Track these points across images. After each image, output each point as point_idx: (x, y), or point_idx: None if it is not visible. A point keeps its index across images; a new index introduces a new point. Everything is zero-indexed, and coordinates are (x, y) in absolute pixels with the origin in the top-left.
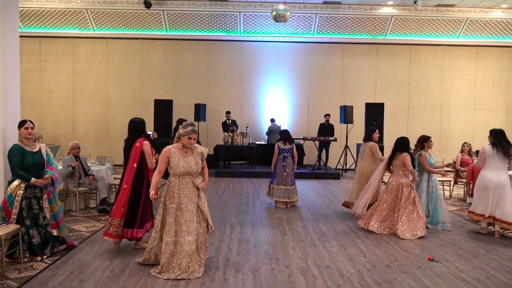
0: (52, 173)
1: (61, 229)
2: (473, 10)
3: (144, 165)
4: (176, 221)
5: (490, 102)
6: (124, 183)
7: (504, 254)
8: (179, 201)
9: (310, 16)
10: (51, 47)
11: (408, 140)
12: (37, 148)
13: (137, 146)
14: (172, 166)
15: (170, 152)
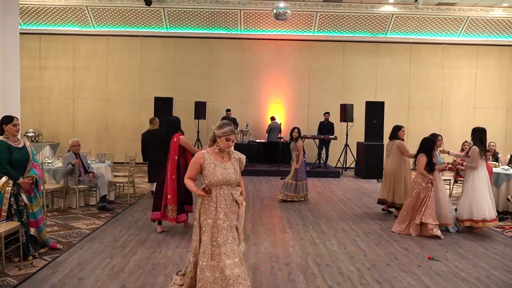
0: (35, 173)
1: (40, 230)
2: (473, 8)
3: (183, 157)
4: (212, 240)
5: (491, 101)
6: (171, 175)
7: (504, 253)
8: (216, 217)
9: (311, 14)
10: (51, 44)
11: (433, 140)
12: (21, 144)
13: (175, 141)
14: (207, 174)
15: (204, 157)
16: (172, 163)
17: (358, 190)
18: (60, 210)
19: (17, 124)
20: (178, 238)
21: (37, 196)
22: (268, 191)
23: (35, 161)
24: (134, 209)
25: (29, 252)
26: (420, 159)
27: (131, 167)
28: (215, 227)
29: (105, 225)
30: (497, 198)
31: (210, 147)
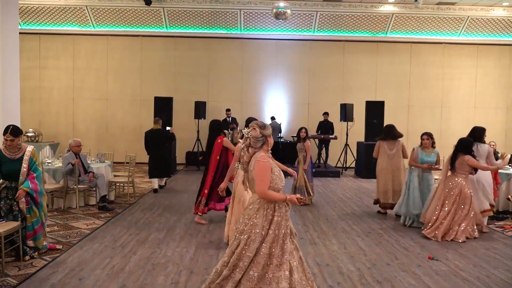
0: (27, 185)
1: (37, 239)
2: (474, 8)
3: (223, 157)
4: (270, 252)
5: (491, 101)
6: (211, 172)
7: (504, 252)
8: (277, 226)
9: (311, 13)
10: (51, 44)
11: (471, 141)
12: (19, 155)
13: (219, 142)
14: (275, 179)
15: (270, 162)
16: (213, 162)
17: (358, 190)
18: (60, 210)
19: (8, 140)
20: (178, 238)
21: (32, 207)
22: None
23: (35, 172)
24: (134, 209)
25: (27, 253)
26: (472, 160)
27: (131, 167)
28: (286, 236)
29: (105, 225)
30: (498, 197)
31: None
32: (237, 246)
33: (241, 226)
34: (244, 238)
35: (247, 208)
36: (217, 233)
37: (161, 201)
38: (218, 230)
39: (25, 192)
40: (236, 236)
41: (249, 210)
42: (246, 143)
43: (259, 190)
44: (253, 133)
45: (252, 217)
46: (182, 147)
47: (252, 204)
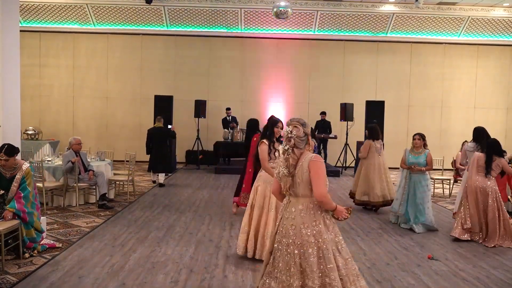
0: (13, 207)
1: (33, 249)
2: (474, 8)
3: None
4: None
5: (491, 101)
6: (249, 168)
7: (503, 253)
8: (333, 231)
9: (312, 13)
10: (51, 42)
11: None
12: (14, 173)
13: (255, 140)
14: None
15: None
16: (250, 159)
17: None
18: (60, 208)
19: (2, 160)
20: (178, 236)
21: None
22: None
23: (22, 191)
24: (134, 207)
25: (25, 251)
26: (506, 164)
27: (131, 165)
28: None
29: (104, 223)
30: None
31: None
32: (301, 264)
33: (293, 237)
34: (312, 251)
35: (294, 216)
36: (217, 232)
37: (161, 199)
38: (218, 229)
39: (11, 213)
40: (289, 251)
41: (302, 217)
42: (291, 144)
43: (319, 193)
44: (296, 133)
45: (311, 224)
46: (182, 146)
47: (304, 210)
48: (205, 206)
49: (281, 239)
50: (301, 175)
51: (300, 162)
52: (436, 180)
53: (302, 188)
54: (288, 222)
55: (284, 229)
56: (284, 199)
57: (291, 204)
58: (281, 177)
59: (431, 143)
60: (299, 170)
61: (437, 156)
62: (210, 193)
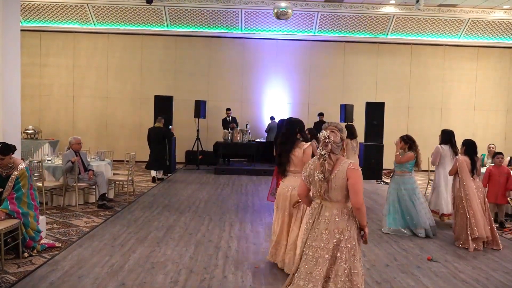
0: (6, 207)
1: (32, 249)
2: (475, 10)
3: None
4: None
5: (491, 103)
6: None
7: (503, 255)
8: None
9: (312, 14)
10: (52, 42)
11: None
12: (11, 172)
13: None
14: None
15: None
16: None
17: None
18: (59, 207)
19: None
20: (177, 237)
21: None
22: (267, 190)
23: (16, 192)
24: (133, 207)
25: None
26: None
27: (131, 165)
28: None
29: (104, 223)
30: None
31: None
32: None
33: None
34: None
35: (328, 220)
36: (216, 232)
37: (161, 199)
38: (217, 229)
39: (4, 214)
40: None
41: (336, 222)
42: (328, 149)
43: (356, 201)
44: (334, 138)
45: (345, 229)
46: (181, 146)
47: (339, 215)
48: (205, 206)
49: (311, 243)
50: (337, 181)
51: (337, 168)
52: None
53: (337, 193)
54: (322, 227)
55: (317, 233)
56: (313, 203)
57: (325, 209)
58: (316, 182)
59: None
60: (335, 176)
61: None
62: (210, 194)
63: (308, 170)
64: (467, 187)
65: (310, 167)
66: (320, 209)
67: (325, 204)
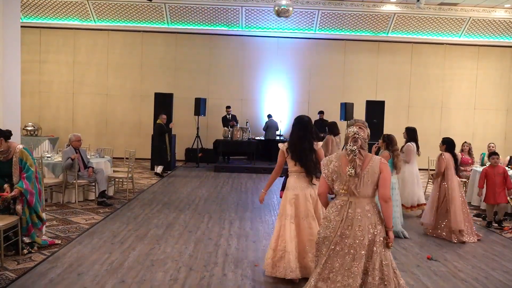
0: (21, 186)
1: (32, 237)
2: (476, 9)
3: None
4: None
5: (491, 102)
6: None
7: (502, 254)
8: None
9: (313, 12)
10: (52, 38)
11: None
12: (10, 157)
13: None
14: None
15: None
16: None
17: None
18: (59, 204)
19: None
20: (177, 234)
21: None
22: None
23: (26, 171)
24: (133, 204)
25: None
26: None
27: (131, 162)
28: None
29: (104, 220)
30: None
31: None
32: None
33: (360, 238)
34: (376, 250)
35: (361, 216)
36: (216, 230)
37: (160, 197)
38: (217, 227)
39: (19, 191)
40: (352, 251)
41: (369, 218)
42: (358, 145)
43: (386, 193)
44: (362, 134)
45: (377, 223)
46: (181, 144)
47: (370, 211)
48: (205, 204)
49: (341, 240)
50: (370, 176)
51: (369, 163)
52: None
53: (368, 188)
54: (355, 223)
55: (350, 231)
56: (337, 200)
57: (355, 205)
58: (344, 178)
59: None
60: (368, 171)
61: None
62: (210, 191)
63: (331, 167)
64: (452, 182)
65: (333, 164)
66: (349, 205)
67: (354, 200)
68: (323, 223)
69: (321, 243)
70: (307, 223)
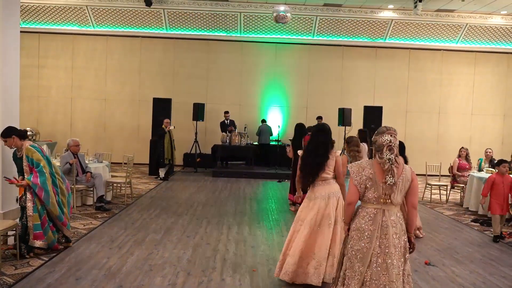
0: (29, 178)
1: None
2: (472, 15)
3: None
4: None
5: (488, 108)
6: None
7: (500, 259)
8: None
9: (311, 17)
10: (51, 43)
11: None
12: (21, 155)
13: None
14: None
15: None
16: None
17: None
18: None
19: (2, 141)
20: (175, 239)
21: (38, 208)
22: (265, 193)
23: (36, 167)
24: (131, 209)
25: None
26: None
27: (129, 167)
28: None
29: (102, 225)
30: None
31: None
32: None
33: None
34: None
35: (395, 224)
36: (214, 235)
37: (158, 202)
38: (215, 232)
39: (27, 183)
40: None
41: (401, 225)
42: (395, 154)
43: (415, 202)
44: (395, 142)
45: (405, 230)
46: (179, 149)
47: (401, 218)
48: (203, 209)
49: (386, 250)
50: (405, 184)
51: (402, 171)
52: (433, 186)
53: (400, 196)
54: (390, 231)
55: (389, 240)
56: (368, 209)
57: (388, 212)
58: (382, 186)
59: (428, 148)
60: (403, 179)
61: (435, 161)
62: (208, 196)
63: (363, 175)
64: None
65: (367, 171)
66: (382, 214)
67: (387, 208)
68: (355, 234)
69: (353, 257)
70: (321, 231)
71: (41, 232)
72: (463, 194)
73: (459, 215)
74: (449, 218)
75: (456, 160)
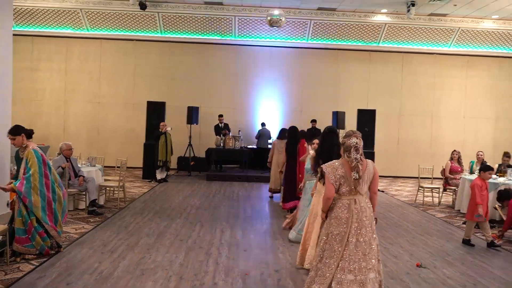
0: (15, 183)
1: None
2: (465, 20)
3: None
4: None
5: (480, 111)
6: (299, 173)
7: (491, 261)
8: None
9: (305, 21)
10: (44, 46)
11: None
12: (24, 156)
13: (304, 146)
14: None
15: None
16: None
17: None
18: None
19: (10, 139)
20: (168, 243)
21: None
22: (259, 197)
23: (27, 172)
24: (124, 213)
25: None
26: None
27: (122, 171)
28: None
29: (94, 230)
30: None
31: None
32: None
33: (367, 227)
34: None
35: (365, 209)
36: (207, 238)
37: (152, 206)
38: (208, 236)
39: (11, 188)
40: (366, 239)
41: (369, 209)
42: (360, 154)
43: (376, 190)
44: (360, 143)
45: (371, 214)
46: (173, 152)
47: (369, 204)
48: (196, 212)
49: (358, 231)
50: (369, 176)
51: (366, 166)
52: (426, 189)
53: (366, 186)
54: (361, 215)
55: (361, 222)
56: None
57: (359, 201)
58: (351, 181)
59: (421, 151)
60: (366, 173)
61: (427, 164)
62: (201, 200)
63: (338, 173)
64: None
65: (339, 171)
66: (354, 202)
67: (357, 197)
68: (334, 222)
69: (332, 240)
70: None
71: (25, 237)
72: (455, 196)
73: (451, 217)
74: (441, 220)
75: (448, 163)
